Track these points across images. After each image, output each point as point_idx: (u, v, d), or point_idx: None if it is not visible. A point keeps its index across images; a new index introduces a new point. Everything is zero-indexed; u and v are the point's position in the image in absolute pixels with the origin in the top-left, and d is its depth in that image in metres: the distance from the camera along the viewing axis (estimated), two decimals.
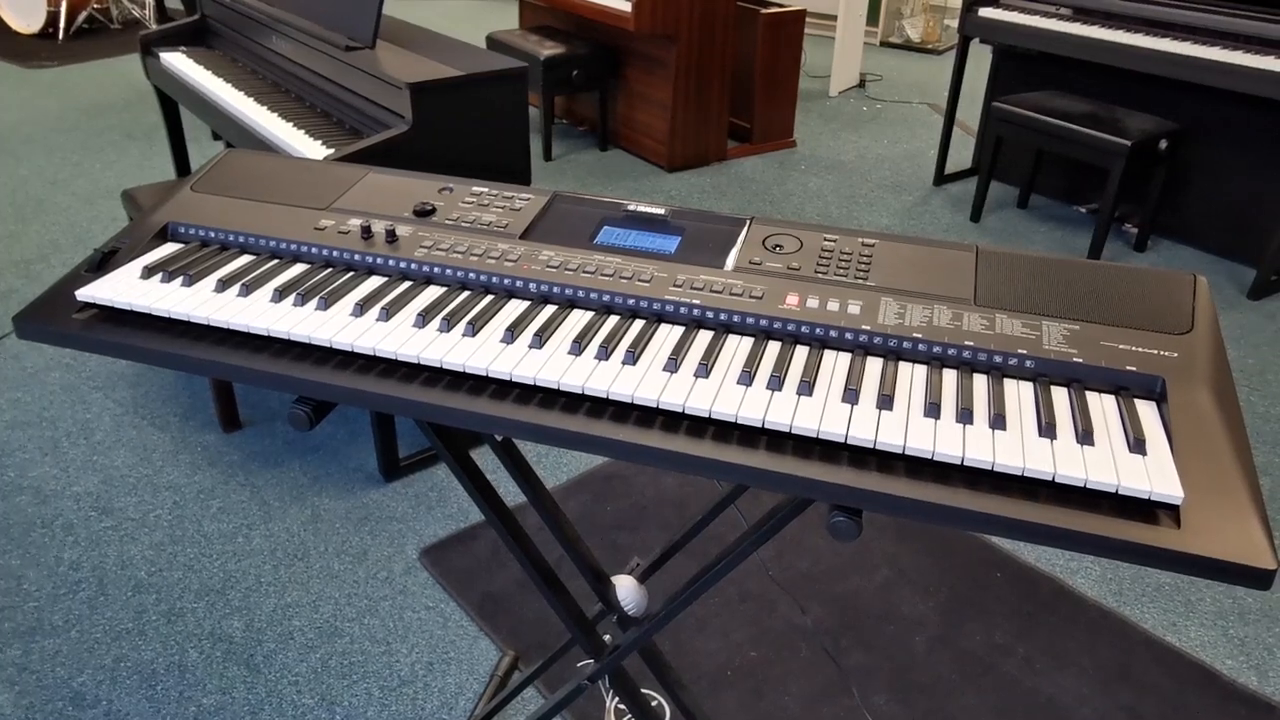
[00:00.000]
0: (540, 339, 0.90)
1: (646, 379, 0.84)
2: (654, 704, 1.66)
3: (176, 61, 2.77)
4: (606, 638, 1.29)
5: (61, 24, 5.88)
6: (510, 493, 2.11)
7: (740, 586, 1.94)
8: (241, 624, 1.84)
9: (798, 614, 1.89)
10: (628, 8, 3.82)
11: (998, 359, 0.85)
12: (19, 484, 2.21)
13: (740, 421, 0.80)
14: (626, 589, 1.30)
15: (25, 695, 1.68)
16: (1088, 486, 0.71)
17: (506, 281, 0.99)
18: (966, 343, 0.86)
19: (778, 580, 1.97)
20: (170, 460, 2.29)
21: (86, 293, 0.99)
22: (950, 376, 0.84)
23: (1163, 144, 3.28)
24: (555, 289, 0.98)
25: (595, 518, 2.15)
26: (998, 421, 0.78)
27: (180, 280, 1.01)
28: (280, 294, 0.98)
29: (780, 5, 4.33)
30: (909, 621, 1.89)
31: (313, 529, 2.08)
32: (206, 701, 1.68)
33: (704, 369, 0.85)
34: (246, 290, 0.99)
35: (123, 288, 1.00)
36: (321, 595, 1.91)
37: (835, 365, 0.86)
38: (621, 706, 1.58)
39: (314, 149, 2.11)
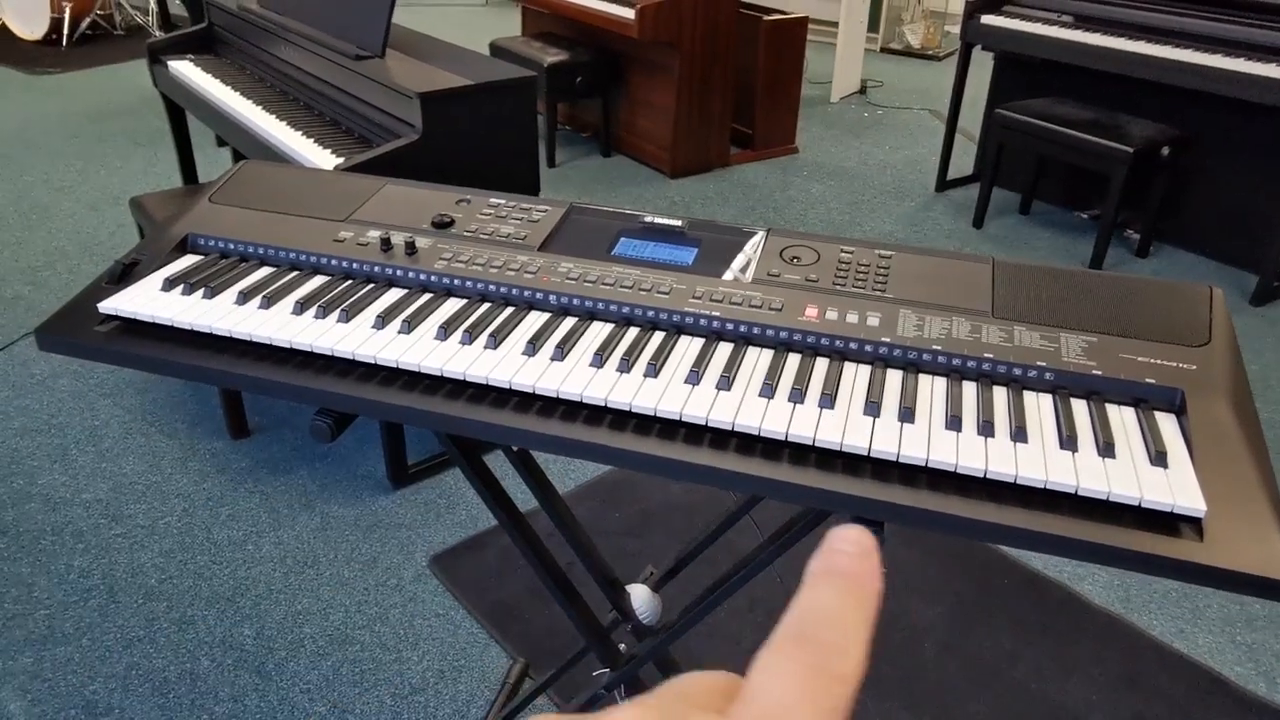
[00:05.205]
0: (562, 352, 0.90)
1: (669, 392, 0.85)
2: None
3: (185, 70, 2.78)
4: (621, 646, 1.30)
5: (65, 30, 5.89)
6: (517, 499, 2.11)
7: (750, 593, 1.95)
8: (252, 631, 1.85)
9: None
10: (631, 15, 3.83)
11: (1017, 371, 0.86)
12: (28, 491, 2.21)
13: (763, 434, 0.80)
14: (641, 597, 1.31)
15: (38, 704, 1.69)
16: (1110, 499, 0.72)
17: (526, 294, 1.00)
18: (986, 355, 0.87)
19: (787, 587, 1.98)
20: (179, 467, 2.29)
21: (109, 305, 1.00)
22: (970, 389, 0.85)
23: (1165, 151, 3.29)
24: (575, 301, 0.99)
25: (603, 524, 2.15)
26: (1019, 434, 0.78)
27: (201, 292, 1.02)
28: (302, 306, 0.99)
29: (782, 12, 4.35)
30: (917, 628, 1.89)
31: (322, 536, 2.09)
32: (219, 710, 1.68)
33: (726, 381, 0.86)
34: (268, 303, 1.00)
35: (145, 300, 1.01)
36: (332, 603, 1.92)
37: (856, 378, 0.87)
38: None
39: (324, 158, 2.11)
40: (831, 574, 0.26)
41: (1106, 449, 0.76)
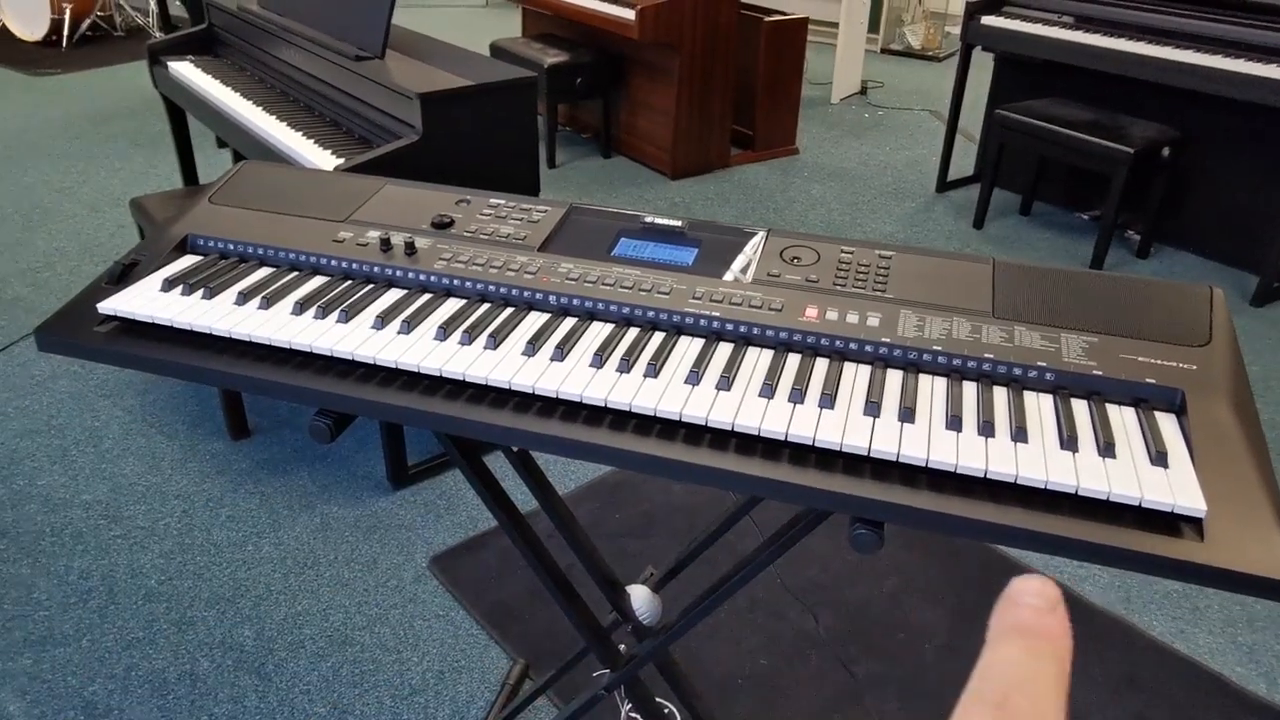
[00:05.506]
0: (562, 352, 0.90)
1: (669, 392, 0.85)
2: (665, 711, 1.66)
3: (185, 71, 2.78)
4: (621, 647, 1.30)
5: (65, 31, 5.89)
6: (517, 500, 2.11)
7: (750, 594, 1.95)
8: (252, 632, 1.84)
9: (808, 621, 1.90)
10: (631, 16, 3.83)
11: (1017, 371, 0.86)
12: (28, 492, 2.21)
13: (763, 435, 0.80)
14: (641, 598, 1.31)
15: (37, 705, 1.69)
16: (1110, 499, 0.72)
17: (526, 294, 1.00)
18: (986, 355, 0.86)
19: (788, 587, 1.98)
20: (179, 468, 2.29)
21: (108, 305, 1.00)
22: (970, 389, 0.85)
23: (1165, 151, 3.29)
24: (575, 301, 0.99)
25: (603, 525, 2.15)
26: (1019, 434, 0.78)
27: (201, 293, 1.02)
28: (301, 307, 0.99)
29: (782, 13, 4.35)
30: (918, 629, 1.89)
31: (322, 537, 2.09)
32: (218, 710, 1.68)
33: (725, 382, 0.85)
34: (267, 303, 1.00)
35: (144, 300, 1.01)
36: (332, 603, 1.92)
37: (856, 378, 0.87)
38: (635, 715, 1.58)
39: (324, 158, 2.11)
40: (1018, 631, 0.24)
41: (1107, 449, 0.76)
